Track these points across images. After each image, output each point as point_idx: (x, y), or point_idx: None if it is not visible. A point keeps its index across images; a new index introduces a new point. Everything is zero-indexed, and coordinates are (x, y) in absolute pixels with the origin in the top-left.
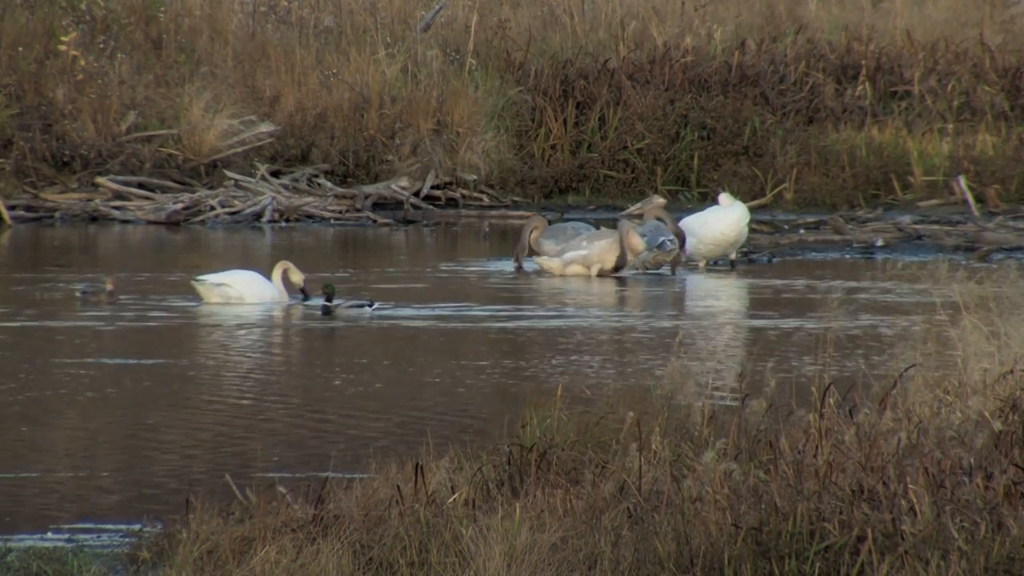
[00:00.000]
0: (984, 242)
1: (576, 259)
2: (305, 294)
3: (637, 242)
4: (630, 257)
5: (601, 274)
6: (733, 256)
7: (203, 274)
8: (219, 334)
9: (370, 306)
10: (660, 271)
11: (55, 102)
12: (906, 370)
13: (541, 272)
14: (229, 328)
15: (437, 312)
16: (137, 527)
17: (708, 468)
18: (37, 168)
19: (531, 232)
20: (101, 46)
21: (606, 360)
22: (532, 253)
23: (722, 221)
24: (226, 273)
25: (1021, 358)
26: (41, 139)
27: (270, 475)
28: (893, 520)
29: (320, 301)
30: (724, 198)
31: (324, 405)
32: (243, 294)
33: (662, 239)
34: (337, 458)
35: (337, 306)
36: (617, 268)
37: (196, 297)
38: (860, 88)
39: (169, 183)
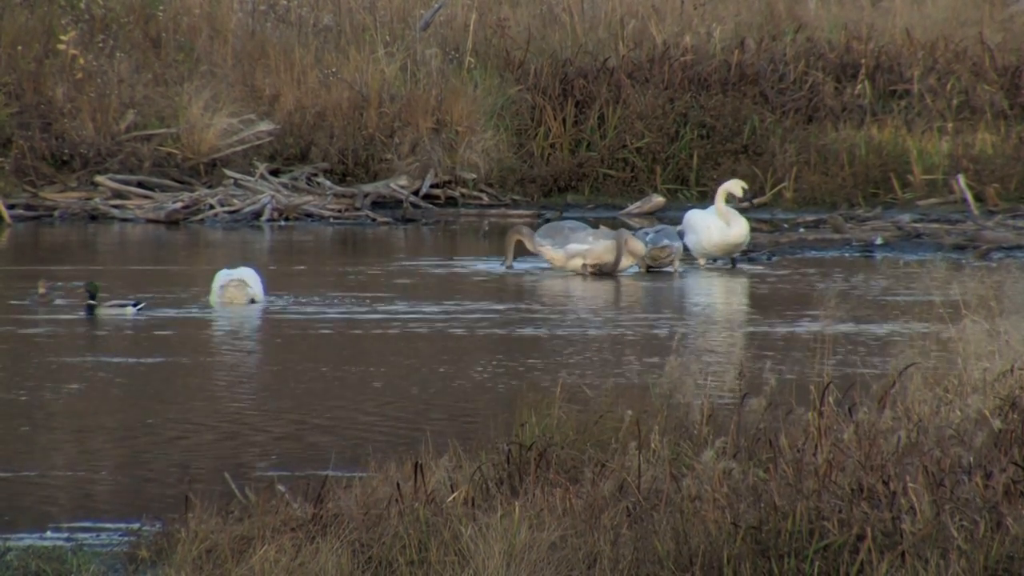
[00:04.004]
0: (983, 241)
1: (579, 252)
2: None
3: (638, 247)
4: (630, 261)
5: (599, 272)
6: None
7: (217, 270)
8: (216, 333)
9: (134, 306)
10: (663, 269)
11: (54, 101)
12: (905, 369)
13: (538, 270)
14: (227, 327)
15: (435, 311)
16: (136, 526)
17: (707, 467)
18: (36, 167)
19: (514, 241)
20: (100, 45)
21: (605, 358)
22: (522, 254)
23: (725, 234)
24: (240, 270)
25: (1021, 357)
26: (40, 138)
27: (269, 474)
28: (893, 519)
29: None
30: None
31: (323, 404)
32: (255, 292)
33: (665, 241)
34: (336, 457)
35: (99, 306)
36: (611, 269)
37: (203, 295)
38: (859, 87)
39: (168, 182)
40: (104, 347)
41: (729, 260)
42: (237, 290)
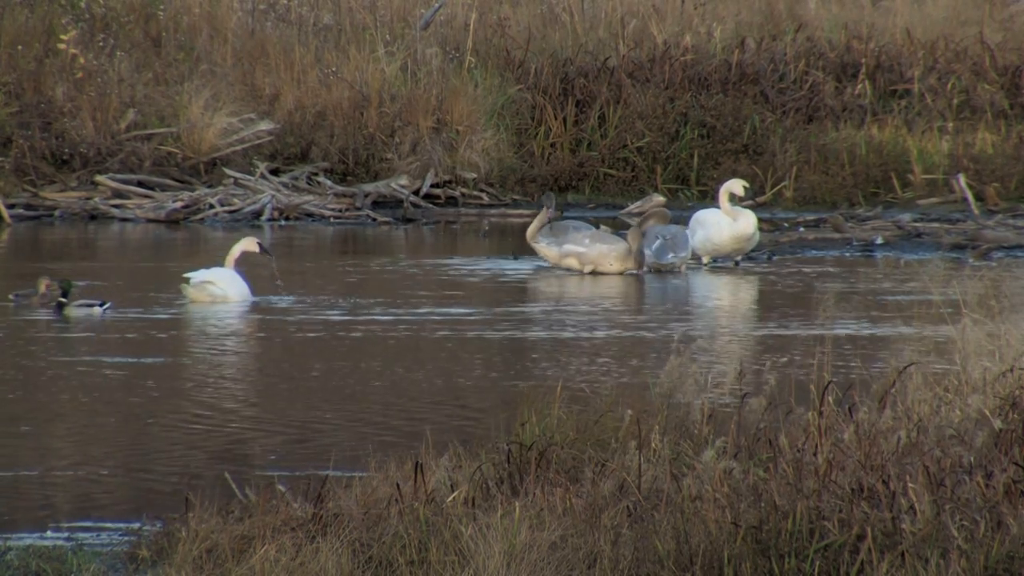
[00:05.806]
0: (983, 240)
1: (573, 253)
2: (266, 251)
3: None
4: (630, 264)
5: (599, 272)
6: (738, 256)
7: (191, 272)
8: (216, 333)
9: (101, 306)
10: (667, 271)
11: (54, 100)
12: (905, 368)
13: (539, 270)
14: (226, 327)
15: (435, 310)
16: (136, 525)
17: (708, 466)
18: (36, 166)
19: (543, 218)
20: (100, 44)
21: (605, 358)
22: (528, 252)
23: (734, 228)
24: (212, 271)
25: (1021, 356)
26: (40, 137)
27: (269, 473)
28: (893, 519)
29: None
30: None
31: (323, 403)
32: (227, 292)
33: (670, 255)
34: (336, 456)
35: (68, 305)
36: (619, 272)
37: (185, 296)
38: (860, 86)
39: (168, 181)
40: (104, 347)
41: (731, 260)
42: (197, 291)
